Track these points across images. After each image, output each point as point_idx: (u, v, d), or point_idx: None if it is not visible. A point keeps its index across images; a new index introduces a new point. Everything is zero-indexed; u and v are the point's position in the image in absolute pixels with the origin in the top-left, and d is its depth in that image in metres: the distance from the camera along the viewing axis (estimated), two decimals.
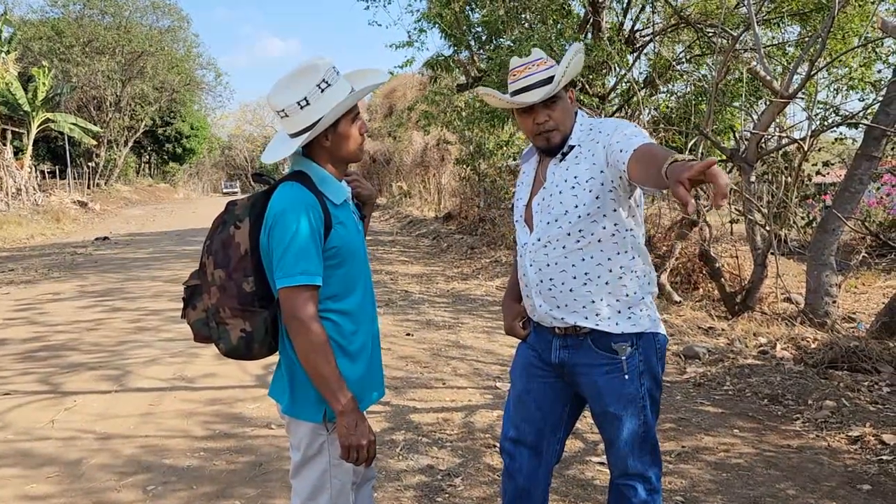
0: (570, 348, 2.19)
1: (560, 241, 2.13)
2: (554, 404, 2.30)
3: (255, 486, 3.50)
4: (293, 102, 1.91)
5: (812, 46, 7.03)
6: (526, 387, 2.31)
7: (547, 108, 2.15)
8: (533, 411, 2.30)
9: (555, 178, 2.17)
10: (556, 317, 2.17)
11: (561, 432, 2.35)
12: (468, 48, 12.80)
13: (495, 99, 2.25)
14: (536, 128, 2.17)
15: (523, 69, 2.14)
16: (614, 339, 2.14)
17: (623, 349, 2.14)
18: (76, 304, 8.64)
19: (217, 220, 2.00)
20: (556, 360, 2.23)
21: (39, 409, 4.72)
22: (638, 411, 2.18)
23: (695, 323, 6.85)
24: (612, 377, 2.15)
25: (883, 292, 8.08)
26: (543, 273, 2.17)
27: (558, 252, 2.13)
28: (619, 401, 2.16)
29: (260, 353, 2.00)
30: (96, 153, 38.13)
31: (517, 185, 2.38)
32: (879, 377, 4.89)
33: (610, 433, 2.22)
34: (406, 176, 25.51)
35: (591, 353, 2.16)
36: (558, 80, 2.11)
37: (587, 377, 2.18)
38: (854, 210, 6.54)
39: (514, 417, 2.34)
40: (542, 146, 2.21)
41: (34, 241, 17.82)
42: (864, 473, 3.52)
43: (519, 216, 2.29)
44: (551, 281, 2.15)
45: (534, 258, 2.19)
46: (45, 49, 34.62)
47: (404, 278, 10.54)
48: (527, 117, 2.18)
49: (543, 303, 2.19)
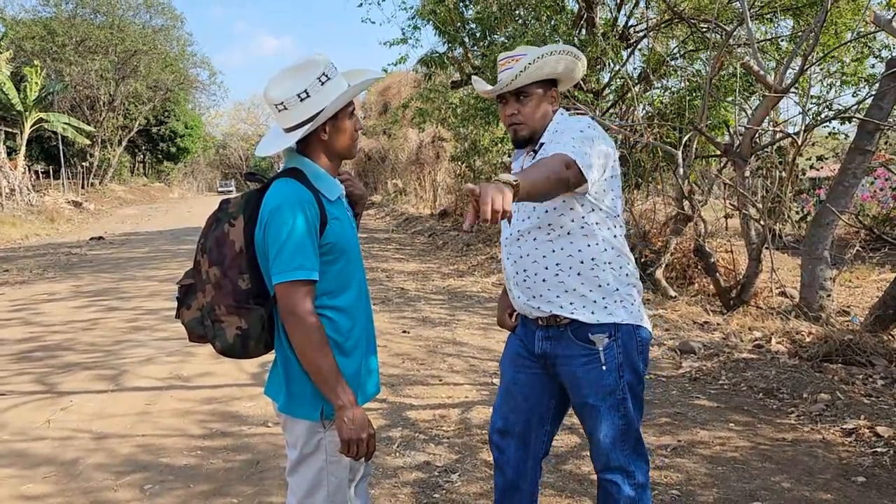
0: (552, 339, 2.24)
1: (531, 233, 2.21)
2: (541, 396, 2.34)
3: (252, 484, 3.51)
4: (293, 95, 1.91)
5: (805, 41, 7.05)
6: (514, 377, 2.36)
7: (518, 102, 2.23)
8: (520, 402, 2.34)
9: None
10: (533, 306, 2.23)
11: (548, 425, 2.38)
12: (462, 45, 12.81)
13: (479, 87, 2.40)
14: (507, 119, 2.27)
15: (506, 62, 2.23)
16: (592, 329, 2.17)
17: (600, 340, 2.17)
18: (71, 304, 8.62)
19: (211, 218, 2.00)
20: (540, 350, 2.27)
21: (35, 410, 4.71)
22: (617, 403, 2.19)
23: (690, 318, 6.87)
24: (589, 368, 2.18)
25: (877, 286, 8.11)
26: (518, 265, 2.25)
27: (530, 244, 2.21)
28: (597, 392, 2.18)
29: (256, 351, 2.00)
30: (90, 153, 38.04)
31: None
32: (874, 370, 4.91)
33: (590, 425, 2.24)
34: (401, 173, 25.50)
35: (570, 345, 2.20)
36: (515, 74, 2.15)
37: (567, 367, 2.22)
38: (848, 204, 6.55)
39: (502, 408, 2.39)
40: (512, 138, 2.31)
41: (28, 242, 17.77)
42: (859, 466, 3.54)
43: None
44: (525, 272, 2.23)
45: (510, 251, 2.29)
46: (38, 48, 34.50)
47: (400, 276, 10.54)
48: (502, 109, 2.28)
49: (521, 294, 2.25)
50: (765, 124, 7.30)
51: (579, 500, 3.24)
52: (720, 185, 9.16)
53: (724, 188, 8.80)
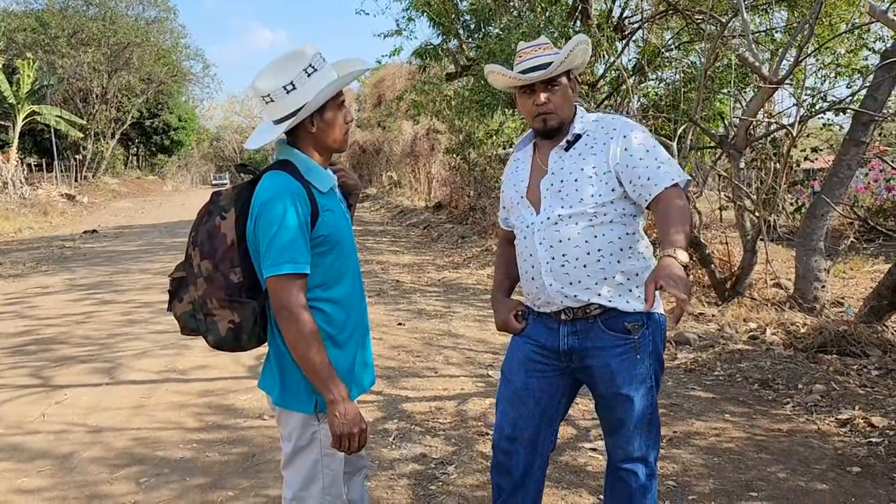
0: (580, 333, 2.17)
1: (573, 218, 2.13)
2: (552, 398, 2.28)
3: (249, 476, 3.50)
4: (279, 87, 1.89)
5: (800, 32, 7.04)
6: (524, 383, 2.26)
7: (548, 90, 2.18)
8: (531, 407, 2.26)
9: (564, 166, 2.18)
10: (568, 294, 2.13)
11: (556, 423, 2.34)
12: (457, 37, 12.76)
13: (501, 76, 2.25)
14: (535, 109, 2.19)
15: (530, 51, 2.19)
16: (627, 318, 2.14)
17: (636, 328, 2.14)
18: (65, 297, 8.59)
19: (202, 211, 1.98)
20: (566, 346, 2.19)
21: (30, 403, 4.70)
22: (646, 392, 2.18)
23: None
24: (625, 358, 2.15)
25: (871, 277, 8.12)
26: (555, 249, 2.14)
27: (571, 228, 2.13)
28: (631, 382, 2.15)
29: (249, 345, 1.99)
30: (83, 146, 37.84)
31: (511, 171, 2.36)
32: (868, 360, 4.93)
33: (620, 415, 2.20)
34: (396, 166, 25.45)
35: (602, 336, 2.15)
36: (560, 61, 2.14)
37: (599, 360, 2.16)
38: (843, 195, 6.55)
39: (511, 414, 2.29)
40: (539, 128, 2.23)
41: (22, 235, 17.69)
42: (854, 456, 3.55)
43: (521, 196, 2.26)
44: (564, 257, 2.13)
45: (544, 235, 2.16)
46: (30, 40, 34.29)
47: (395, 268, 10.53)
48: (527, 98, 2.21)
49: (554, 281, 2.14)
50: (759, 116, 7.29)
51: (576, 492, 3.25)
52: (715, 176, 9.17)
53: (718, 180, 8.81)
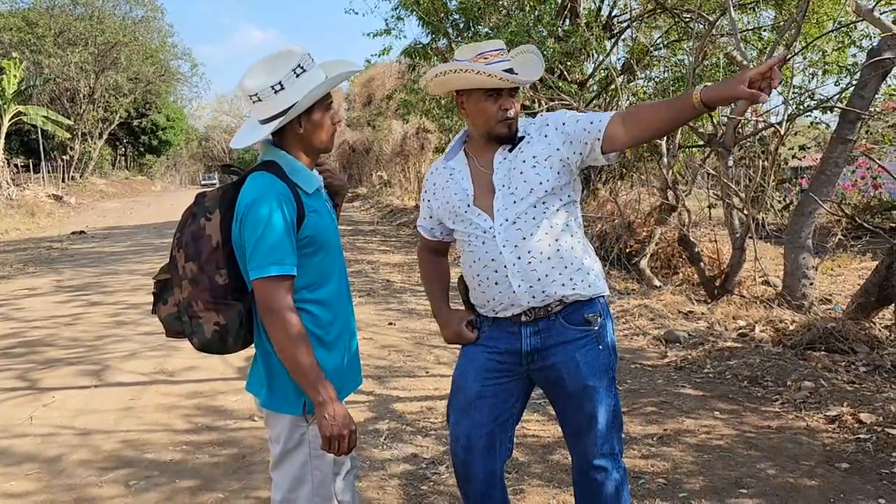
0: (542, 332, 2.18)
1: (528, 213, 2.14)
2: (505, 403, 2.26)
3: (239, 478, 3.49)
4: (267, 86, 1.88)
5: (787, 31, 7.07)
6: (479, 392, 2.25)
7: (512, 97, 2.17)
8: (485, 415, 2.25)
9: (512, 163, 2.18)
10: (536, 293, 2.14)
11: (511, 429, 2.32)
12: (446, 36, 12.73)
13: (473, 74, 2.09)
14: (502, 114, 2.15)
15: (497, 54, 2.15)
16: (585, 310, 2.18)
17: (595, 319, 2.18)
18: (53, 299, 8.53)
19: (187, 213, 1.97)
20: (528, 348, 2.19)
21: (17, 406, 4.66)
22: (609, 383, 2.21)
23: (675, 307, 6.90)
24: (588, 349, 2.18)
25: (858, 274, 8.17)
26: (520, 249, 2.13)
27: (529, 225, 2.14)
28: (595, 373, 2.17)
29: (234, 347, 1.97)
30: (70, 146, 37.57)
31: (445, 180, 2.28)
32: (856, 357, 4.96)
33: (588, 410, 2.19)
34: (386, 165, 25.39)
35: (565, 332, 2.17)
36: (542, 68, 2.21)
37: (564, 354, 2.17)
38: (830, 193, 6.59)
39: (464, 424, 2.27)
40: (503, 133, 2.17)
41: (8, 237, 17.56)
42: (843, 452, 3.57)
43: (468, 205, 2.20)
44: (529, 254, 2.13)
45: (507, 237, 2.14)
46: (16, 40, 33.99)
47: (385, 268, 10.51)
48: (491, 102, 2.14)
49: (522, 282, 2.13)
50: (748, 114, 7.33)
51: (567, 490, 3.25)
52: (704, 175, 9.21)
53: (707, 178, 8.85)
